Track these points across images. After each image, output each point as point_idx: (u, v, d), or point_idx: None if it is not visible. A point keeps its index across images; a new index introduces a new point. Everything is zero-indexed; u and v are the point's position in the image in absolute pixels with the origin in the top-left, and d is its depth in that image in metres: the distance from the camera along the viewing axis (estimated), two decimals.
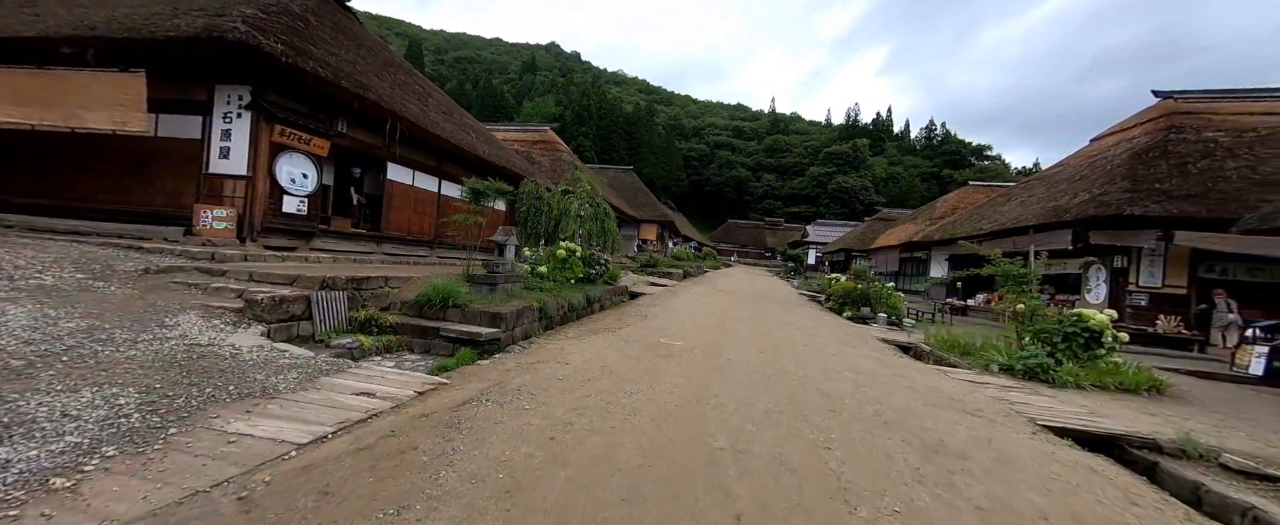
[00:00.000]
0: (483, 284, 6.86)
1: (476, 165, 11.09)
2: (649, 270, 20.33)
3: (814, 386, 4.63)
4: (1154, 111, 12.45)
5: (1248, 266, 9.68)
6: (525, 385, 3.90)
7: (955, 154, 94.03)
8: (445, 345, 5.46)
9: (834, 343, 7.73)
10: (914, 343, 8.61)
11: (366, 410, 2.90)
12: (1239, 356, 7.61)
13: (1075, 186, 11.94)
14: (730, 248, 62.77)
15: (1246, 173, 9.68)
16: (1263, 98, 11.72)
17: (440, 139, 9.83)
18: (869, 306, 13.07)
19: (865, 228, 38.73)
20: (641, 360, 5.15)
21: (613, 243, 10.11)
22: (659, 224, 38.10)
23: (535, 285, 8.05)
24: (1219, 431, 4.34)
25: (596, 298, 9.53)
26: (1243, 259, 9.43)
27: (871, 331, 10.28)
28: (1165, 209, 9.27)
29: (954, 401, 4.55)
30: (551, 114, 74.74)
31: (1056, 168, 14.78)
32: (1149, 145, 11.10)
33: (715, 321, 8.73)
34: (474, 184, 7.22)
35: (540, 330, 6.85)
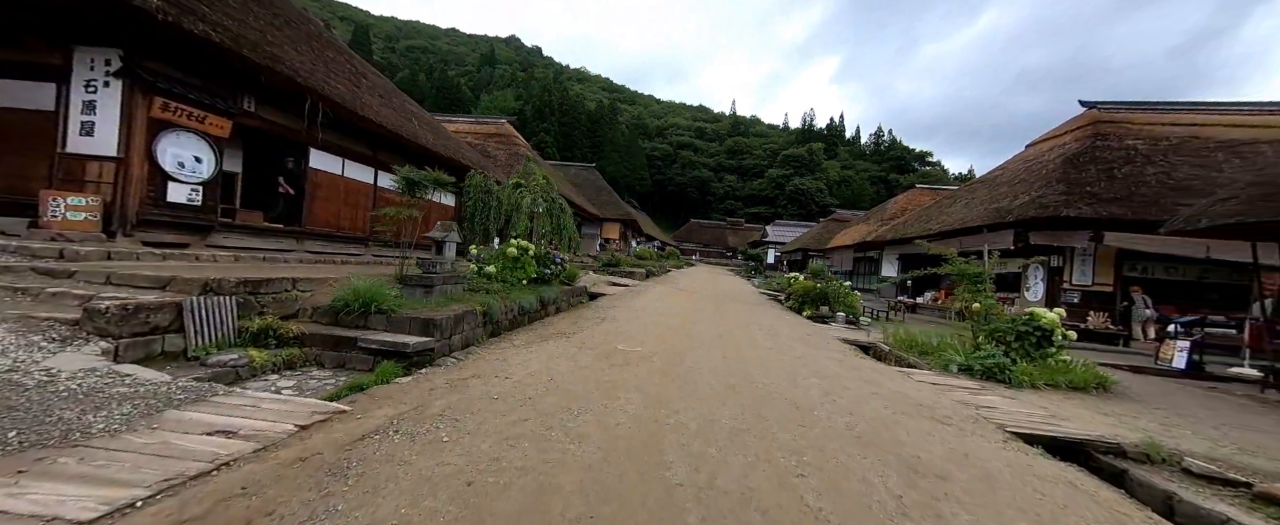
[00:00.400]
0: (417, 286, 6.06)
1: (419, 155, 10.09)
2: (610, 270, 19.78)
3: (781, 396, 4.27)
4: (1082, 120, 13.32)
5: (1165, 266, 10.46)
6: (451, 408, 3.26)
7: (901, 159, 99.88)
8: (363, 358, 4.67)
9: (797, 344, 7.51)
10: (873, 342, 8.59)
11: (216, 458, 2.18)
12: (1163, 351, 8.08)
13: (1015, 189, 12.53)
14: (693, 247, 63.29)
15: (1163, 178, 10.45)
16: (1171, 110, 12.79)
17: (375, 124, 8.81)
18: (827, 305, 13.17)
19: (821, 228, 40.05)
20: (595, 371, 4.60)
21: (570, 241, 9.49)
22: (622, 223, 37.61)
23: (481, 287, 7.30)
24: (1168, 430, 4.36)
25: (551, 300, 8.87)
26: (1161, 258, 10.16)
27: (831, 331, 10.25)
28: (1096, 211, 9.82)
29: (922, 408, 4.33)
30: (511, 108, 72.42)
31: (997, 172, 15.59)
32: (1079, 151, 11.80)
33: (677, 323, 8.31)
34: (407, 173, 6.38)
35: (484, 337, 6.14)
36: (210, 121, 6.33)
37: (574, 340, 6.17)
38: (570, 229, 9.41)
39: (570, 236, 9.46)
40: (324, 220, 8.67)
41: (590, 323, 7.82)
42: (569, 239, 9.43)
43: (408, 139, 9.75)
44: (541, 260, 9.27)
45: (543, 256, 9.35)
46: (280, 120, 7.54)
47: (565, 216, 9.42)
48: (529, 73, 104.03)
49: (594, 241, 35.09)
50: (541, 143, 69.33)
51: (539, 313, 8.32)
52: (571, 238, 9.59)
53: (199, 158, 6.31)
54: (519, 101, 78.69)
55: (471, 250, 8.79)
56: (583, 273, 16.49)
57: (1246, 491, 3.13)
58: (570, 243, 9.47)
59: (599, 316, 8.56)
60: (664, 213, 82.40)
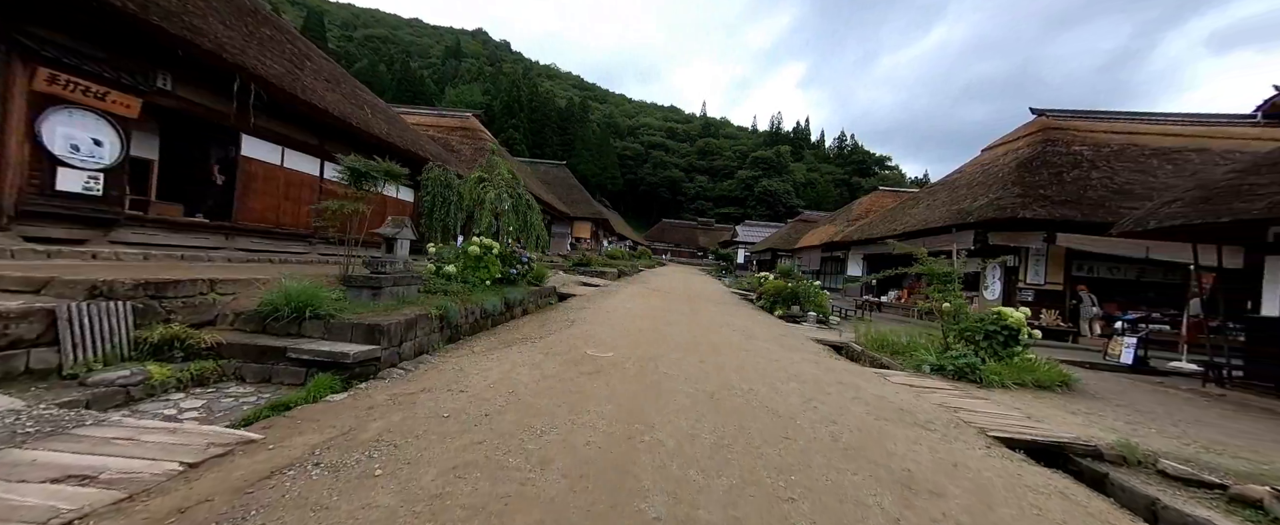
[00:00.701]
0: (363, 288, 5.46)
1: (372, 146, 9.32)
2: (581, 269, 19.29)
3: (762, 404, 4.02)
4: (1032, 126, 13.99)
5: (1108, 265, 11.08)
6: (390, 431, 2.79)
7: (862, 163, 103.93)
8: (294, 371, 4.08)
9: (773, 346, 7.35)
10: (846, 343, 8.59)
11: (53, 517, 1.66)
12: (1111, 347, 8.47)
13: (974, 192, 13.00)
14: (664, 247, 63.40)
15: (1107, 182, 11.05)
16: (1110, 119, 13.63)
17: (319, 110, 8.01)
18: (799, 305, 13.24)
19: (789, 229, 40.89)
20: (562, 380, 4.20)
21: (537, 239, 8.99)
22: (593, 222, 37.07)
23: (439, 288, 6.73)
24: (1134, 429, 4.42)
25: (517, 301, 8.37)
26: (1105, 258, 10.73)
27: (804, 331, 10.23)
28: (1050, 212, 10.25)
29: (903, 413, 4.20)
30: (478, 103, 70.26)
31: (955, 175, 16.21)
32: (1031, 156, 12.35)
33: (650, 326, 8.00)
34: (352, 162, 5.74)
35: (440, 344, 5.61)
36: (114, 99, 5.47)
37: (540, 345, 5.74)
38: (538, 227, 8.92)
39: (538, 234, 8.97)
40: (259, 215, 7.79)
41: (559, 326, 7.39)
42: (537, 237, 8.94)
43: (358, 127, 8.96)
44: (507, 260, 8.74)
45: (508, 256, 8.82)
46: (205, 102, 6.67)
47: (532, 213, 8.92)
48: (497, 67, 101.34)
49: (565, 241, 34.41)
50: (510, 140, 67.60)
51: (504, 315, 7.81)
52: (539, 236, 9.11)
53: (98, 140, 5.43)
54: (486, 97, 76.42)
55: (430, 248, 8.16)
56: (552, 273, 15.95)
57: (1222, 493, 3.11)
58: (538, 241, 8.98)
59: (568, 319, 8.13)
60: (636, 212, 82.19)
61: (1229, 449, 3.93)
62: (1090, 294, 10.57)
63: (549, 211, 27.32)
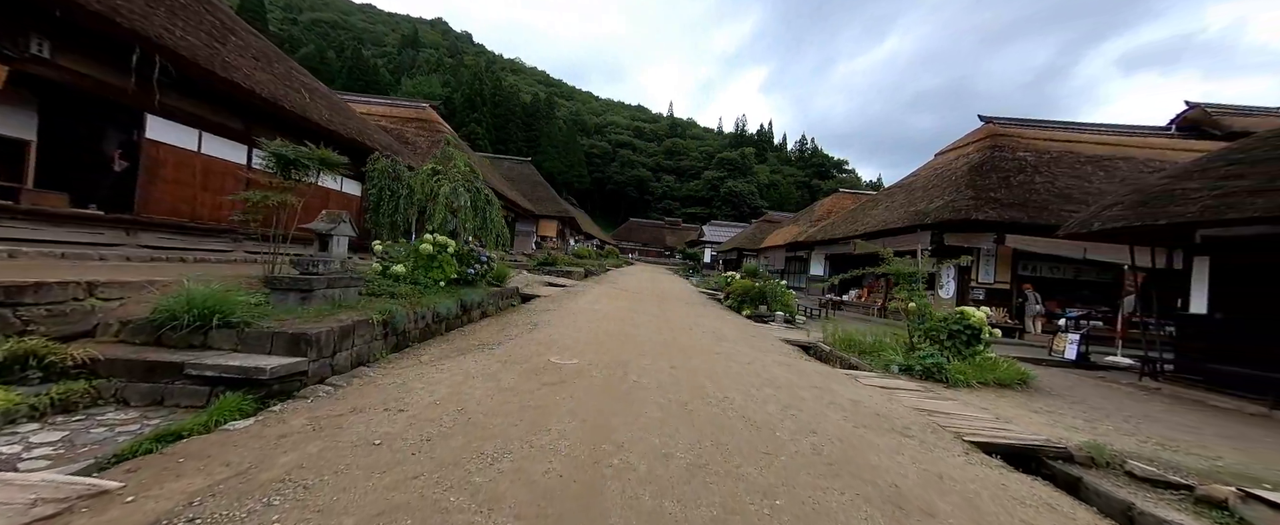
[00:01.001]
0: (289, 291, 4.78)
1: (310, 132, 8.41)
2: (546, 269, 18.65)
3: (738, 414, 3.76)
4: (981, 132, 14.73)
5: (1050, 265, 11.77)
6: (301, 468, 2.29)
7: (822, 166, 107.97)
8: (195, 391, 3.43)
9: (744, 348, 7.18)
10: (814, 343, 8.58)
11: None
12: (1056, 343, 8.92)
13: (929, 194, 13.50)
14: (632, 246, 63.18)
15: (1049, 186, 11.73)
16: (1049, 127, 14.56)
17: (244, 90, 7.09)
18: (766, 304, 13.28)
19: (754, 228, 41.66)
20: (521, 394, 3.77)
21: (498, 236, 8.42)
22: (559, 220, 36.26)
23: (384, 290, 6.09)
24: (1093, 426, 4.51)
25: (475, 303, 7.79)
26: (1047, 258, 11.38)
27: (772, 331, 10.20)
28: (1000, 215, 10.74)
29: (880, 418, 4.07)
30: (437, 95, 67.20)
31: (911, 178, 16.86)
32: (981, 161, 12.96)
33: (618, 328, 7.64)
34: (278, 148, 5.02)
35: (384, 353, 5.02)
36: None
37: (499, 352, 5.25)
38: (498, 224, 8.35)
39: (498, 232, 8.40)
40: (170, 207, 6.80)
41: (520, 329, 6.89)
42: (497, 235, 8.36)
43: (292, 112, 8.05)
44: (464, 259, 8.13)
45: (466, 254, 8.20)
46: (96, 74, 5.69)
47: (492, 209, 8.34)
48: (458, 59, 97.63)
49: (530, 239, 33.47)
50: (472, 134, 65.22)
51: (459, 319, 7.22)
52: (500, 233, 8.54)
53: None
54: (446, 89, 73.30)
55: (376, 246, 7.43)
56: (515, 272, 15.27)
57: (1188, 494, 3.14)
58: (498, 239, 8.41)
59: (531, 321, 7.64)
60: (603, 211, 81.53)
61: (1180, 445, 4.05)
62: (1035, 292, 11.17)
63: (512, 209, 26.37)
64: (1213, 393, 6.14)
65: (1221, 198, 5.71)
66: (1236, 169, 5.95)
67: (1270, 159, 5.71)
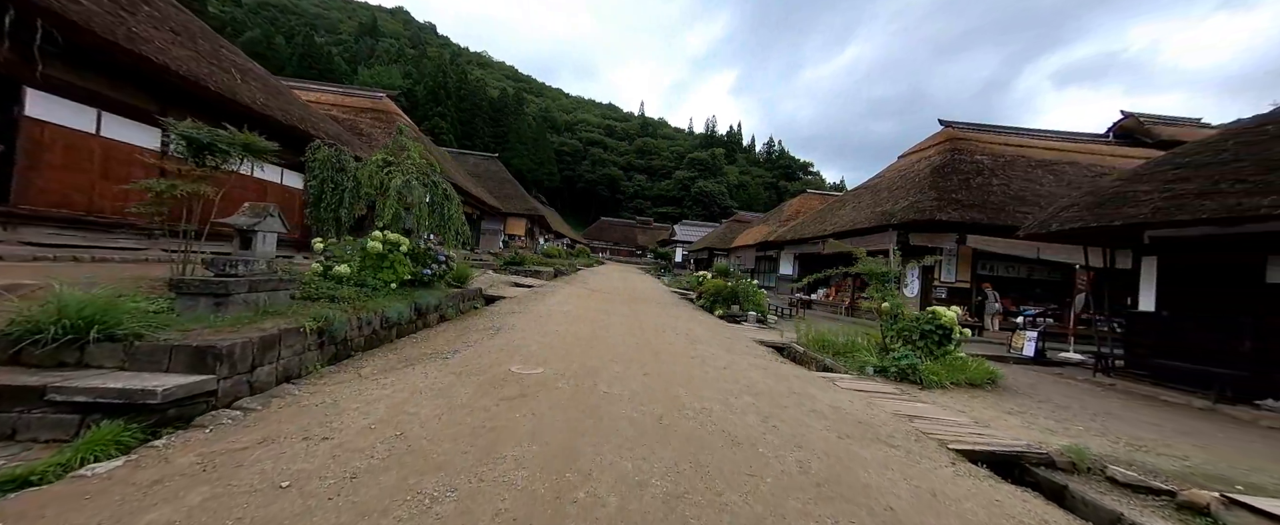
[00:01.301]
0: (201, 295, 4.10)
1: (240, 116, 7.52)
2: (514, 269, 17.95)
3: (718, 427, 3.46)
4: (941, 136, 15.23)
5: (1006, 265, 12.25)
6: None
7: (788, 168, 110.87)
8: (59, 421, 2.79)
9: (718, 350, 6.94)
10: (788, 343, 8.46)
11: None
12: (1015, 341, 9.21)
13: (894, 195, 13.81)
14: (603, 245, 62.58)
15: (1004, 188, 12.20)
16: (1003, 132, 15.23)
17: (156, 65, 6.20)
18: (738, 304, 13.20)
19: (725, 228, 42.06)
20: (475, 412, 3.32)
21: (457, 233, 7.81)
22: (528, 218, 35.30)
23: (324, 293, 5.43)
24: (1065, 427, 4.51)
25: (432, 307, 7.18)
26: (1004, 258, 11.83)
27: (746, 332, 10.06)
28: (961, 215, 11.05)
29: (863, 427, 3.87)
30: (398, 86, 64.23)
31: (876, 179, 17.29)
32: (942, 163, 13.36)
33: (588, 331, 7.24)
34: (189, 130, 4.31)
35: (318, 365, 4.41)
36: None
37: (454, 362, 4.74)
38: (458, 220, 7.74)
39: (458, 229, 7.79)
40: (59, 198, 5.83)
41: (481, 334, 6.37)
42: (457, 232, 7.76)
43: (218, 93, 7.15)
44: (420, 258, 7.49)
45: (422, 253, 7.57)
46: None
47: (451, 205, 7.72)
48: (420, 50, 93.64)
49: (497, 238, 32.40)
50: (436, 129, 62.75)
51: (414, 324, 6.61)
52: (460, 230, 7.93)
53: None
54: (408, 81, 70.17)
55: (316, 245, 6.69)
56: (479, 272, 14.54)
57: (1170, 499, 3.08)
58: (459, 237, 7.80)
59: (494, 325, 7.11)
60: (574, 210, 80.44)
61: (1148, 444, 4.08)
62: (994, 291, 11.58)
63: (478, 206, 25.33)
64: (1161, 387, 6.40)
65: (1171, 200, 5.93)
66: (1182, 172, 6.22)
67: (1211, 163, 5.98)
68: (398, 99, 25.13)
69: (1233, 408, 5.52)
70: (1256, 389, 5.53)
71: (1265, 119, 6.08)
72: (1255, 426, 4.99)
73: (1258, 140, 5.74)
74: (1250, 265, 5.80)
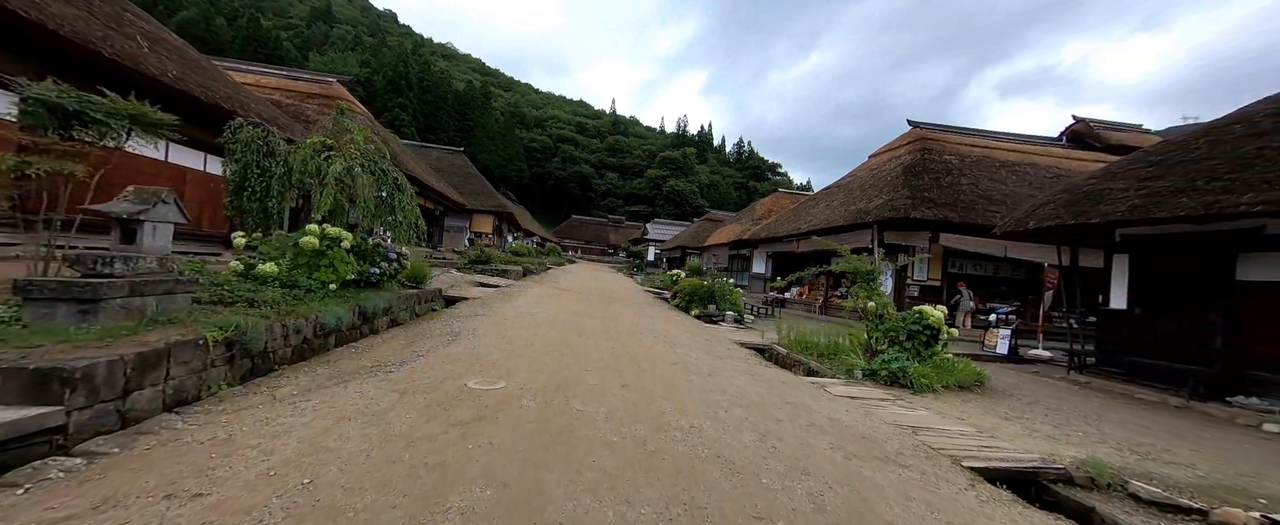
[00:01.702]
0: (60, 301, 3.22)
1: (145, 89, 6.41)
2: (479, 268, 16.96)
3: (711, 451, 2.96)
4: (910, 136, 15.47)
5: (974, 263, 12.48)
6: None
7: (758, 168, 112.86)
8: None
9: (700, 354, 6.48)
10: (768, 344, 8.12)
11: None
12: (988, 338, 9.27)
13: (868, 193, 13.86)
14: (574, 244, 61.48)
15: (973, 188, 12.43)
16: (968, 133, 15.64)
17: (25, 20, 5.11)
18: (715, 304, 12.87)
19: (697, 227, 42.05)
20: (415, 444, 2.67)
21: (411, 228, 6.98)
22: (496, 215, 33.97)
23: (241, 296, 4.57)
24: (1064, 433, 4.30)
25: (380, 310, 6.36)
26: (973, 256, 12.02)
27: (725, 333, 9.69)
28: (934, 214, 11.12)
29: (869, 444, 3.48)
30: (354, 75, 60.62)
31: (848, 178, 17.43)
32: (912, 162, 13.51)
33: (558, 336, 6.61)
34: (45, 93, 3.41)
35: (223, 384, 3.61)
36: None
37: (400, 376, 4.04)
38: (411, 213, 6.91)
39: (412, 223, 6.97)
40: None
41: (436, 341, 5.64)
42: (411, 227, 6.93)
43: (116, 59, 6.04)
44: (366, 255, 6.64)
45: (369, 250, 6.71)
46: None
47: (403, 196, 6.88)
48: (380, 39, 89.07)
49: (462, 235, 30.98)
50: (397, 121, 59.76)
51: (357, 331, 5.79)
52: (415, 225, 7.10)
53: None
54: (366, 69, 66.49)
55: (237, 240, 5.75)
56: (441, 271, 13.57)
57: (1201, 519, 2.83)
58: (412, 231, 6.98)
59: (452, 330, 6.37)
60: (544, 208, 78.69)
61: (1150, 451, 3.91)
62: (968, 290, 11.72)
63: (441, 202, 23.99)
64: (1135, 384, 6.45)
65: (1147, 197, 5.94)
66: (1156, 171, 6.26)
67: (1184, 161, 6.04)
68: (354, 88, 23.29)
69: (1205, 405, 5.56)
70: (1227, 386, 5.59)
71: (1233, 118, 6.22)
72: (1233, 425, 5.00)
73: (1227, 138, 5.83)
74: (1221, 263, 5.88)
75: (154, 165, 7.88)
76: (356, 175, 6.07)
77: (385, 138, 17.46)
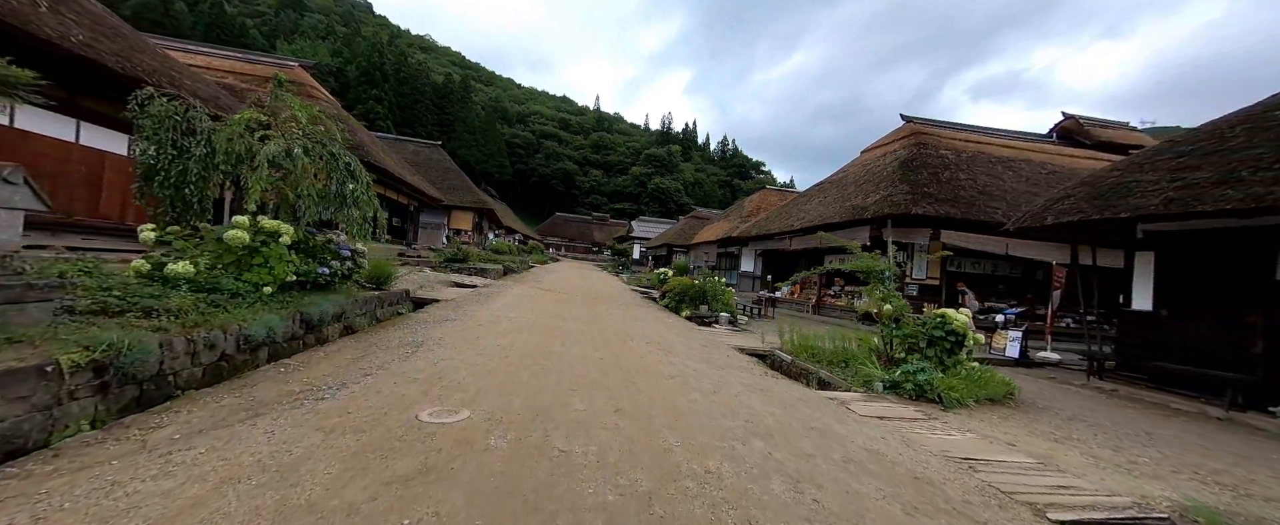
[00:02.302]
0: None
1: (38, 55, 5.34)
2: (455, 266, 15.96)
3: (740, 514, 2.22)
4: (904, 131, 15.08)
5: (972, 261, 12.11)
6: None
7: (742, 167, 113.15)
8: None
9: (700, 363, 5.76)
10: (770, 350, 7.45)
11: None
12: (996, 341, 8.82)
13: (864, 189, 13.39)
14: (558, 242, 60.26)
15: (970, 183, 12.06)
16: (961, 129, 15.34)
17: None
18: (707, 304, 12.21)
19: (683, 225, 41.47)
20: (327, 518, 1.86)
21: (368, 221, 6.04)
22: (475, 212, 32.71)
23: (138, 303, 3.64)
24: (1128, 458, 3.72)
25: (329, 317, 5.44)
26: (972, 254, 11.63)
27: (721, 336, 9.01)
28: (936, 210, 10.66)
29: (923, 487, 2.80)
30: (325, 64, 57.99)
31: (841, 174, 16.98)
32: (909, 157, 13.08)
33: (539, 343, 5.80)
34: None
35: (84, 423, 2.72)
36: None
37: (330, 406, 3.18)
38: (368, 204, 5.96)
39: (368, 215, 6.03)
40: None
41: (393, 354, 4.77)
42: (368, 220, 5.98)
43: None
44: (315, 252, 5.70)
45: (318, 246, 5.77)
46: None
47: (358, 185, 5.94)
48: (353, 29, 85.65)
49: (440, 232, 29.69)
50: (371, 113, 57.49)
51: (297, 343, 4.87)
52: (372, 217, 6.17)
53: None
54: (338, 59, 63.80)
55: (144, 233, 4.76)
56: (412, 271, 12.55)
57: None
58: (369, 224, 6.03)
59: (414, 339, 5.50)
60: (527, 205, 77.09)
61: (1238, 483, 3.34)
62: (969, 289, 11.30)
63: (416, 196, 22.73)
64: (1165, 392, 6.01)
65: (1184, 190, 5.47)
66: (1188, 161, 5.81)
67: (1221, 151, 5.59)
68: (325, 78, 21.82)
69: (1246, 415, 5.12)
70: (1270, 395, 5.15)
71: (1270, 104, 5.80)
72: None
73: (1269, 125, 5.40)
74: (1259, 261, 5.45)
75: (61, 148, 6.74)
76: (296, 158, 5.12)
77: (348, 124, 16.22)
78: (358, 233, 6.02)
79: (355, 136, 16.17)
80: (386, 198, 20.55)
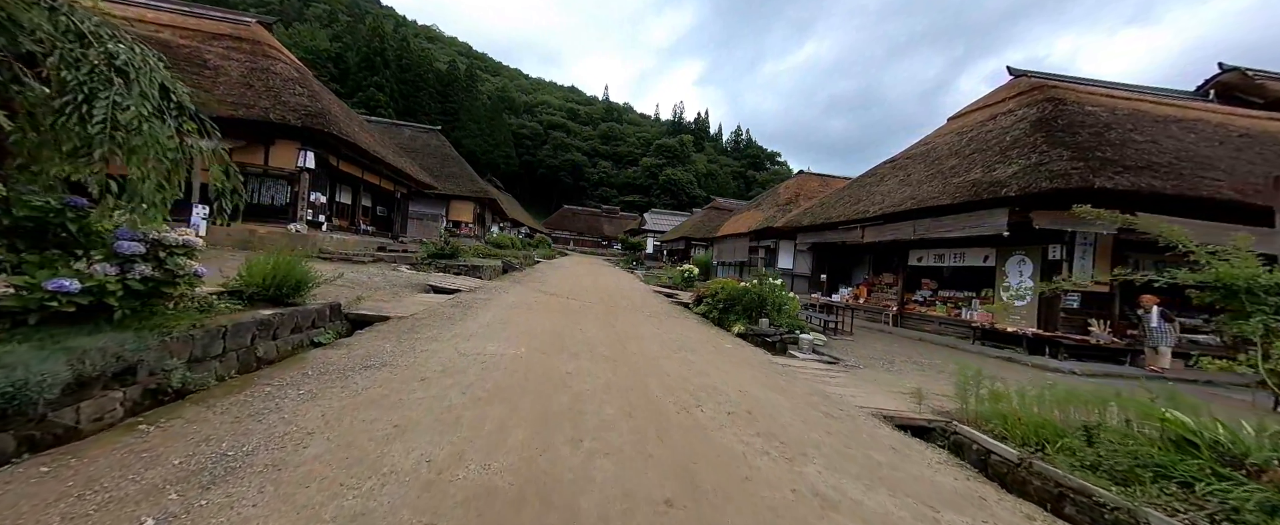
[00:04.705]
0: None
1: None
2: (442, 264, 12.89)
3: None
4: (1016, 87, 11.59)
5: (1153, 258, 8.66)
6: None
7: (756, 158, 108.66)
8: None
9: (849, 481, 2.55)
10: (945, 423, 4.17)
11: None
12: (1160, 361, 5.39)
13: (978, 161, 9.95)
14: (566, 235, 57.24)
15: (1153, 147, 8.52)
16: (1085, 84, 11.71)
17: None
18: (766, 317, 8.98)
19: (702, 216, 38.07)
20: None
21: (160, 179, 2.91)
22: (477, 202, 29.74)
23: None
24: None
25: (67, 384, 2.32)
26: (1156, 251, 8.18)
27: (822, 379, 5.73)
28: (1132, 182, 7.20)
29: None
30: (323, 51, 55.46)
31: (921, 146, 13.49)
32: (1045, 116, 9.61)
33: (533, 408, 2.65)
34: None
35: None
36: None
37: None
38: (157, 142, 2.80)
39: (162, 158, 2.87)
40: None
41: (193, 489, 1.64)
42: (161, 177, 2.86)
43: None
44: (49, 237, 2.60)
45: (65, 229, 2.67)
46: None
47: (129, 95, 2.78)
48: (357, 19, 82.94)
49: (438, 223, 26.82)
50: (371, 99, 54.86)
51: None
52: (167, 165, 3.03)
53: None
54: (337, 45, 61.13)
55: None
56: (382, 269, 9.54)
57: None
58: (165, 191, 2.89)
59: (240, 435, 2.39)
60: (534, 197, 74.13)
61: None
62: (1161, 309, 7.63)
63: (403, 182, 19.75)
64: None
65: None
66: None
67: None
68: (324, 65, 18.79)
69: None
70: None
71: None
72: None
73: None
74: None
75: None
76: None
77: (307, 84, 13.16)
78: (148, 200, 2.88)
79: (317, 103, 13.19)
80: (367, 182, 17.62)
